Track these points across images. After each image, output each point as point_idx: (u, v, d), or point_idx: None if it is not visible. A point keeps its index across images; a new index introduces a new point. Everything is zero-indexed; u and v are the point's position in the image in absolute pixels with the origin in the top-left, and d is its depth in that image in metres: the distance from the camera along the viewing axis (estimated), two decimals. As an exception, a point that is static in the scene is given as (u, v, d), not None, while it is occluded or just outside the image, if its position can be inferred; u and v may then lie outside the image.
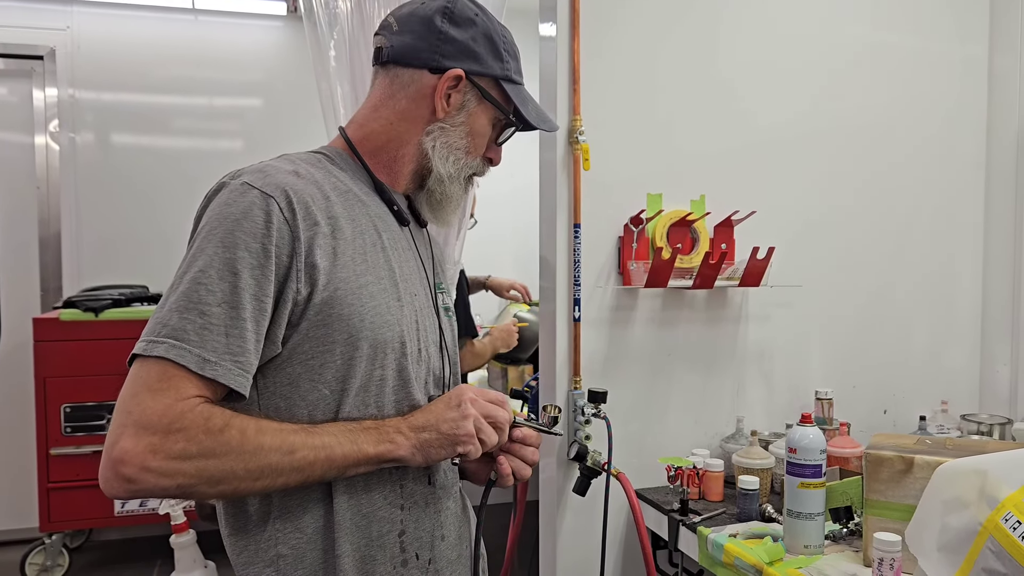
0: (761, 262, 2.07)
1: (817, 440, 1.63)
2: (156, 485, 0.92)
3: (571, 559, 2.09)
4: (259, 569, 1.07)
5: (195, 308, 0.96)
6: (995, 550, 1.19)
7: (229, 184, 1.05)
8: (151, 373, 0.95)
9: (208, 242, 1.00)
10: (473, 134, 1.21)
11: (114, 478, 0.91)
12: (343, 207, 1.11)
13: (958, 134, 2.49)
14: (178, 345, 0.95)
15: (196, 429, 0.94)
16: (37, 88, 4.07)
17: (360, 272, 1.09)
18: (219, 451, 0.95)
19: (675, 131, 2.16)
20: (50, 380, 3.44)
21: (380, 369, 1.09)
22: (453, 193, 1.23)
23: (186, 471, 0.93)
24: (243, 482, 0.97)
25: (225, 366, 0.97)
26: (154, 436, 0.92)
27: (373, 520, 1.09)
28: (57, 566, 3.56)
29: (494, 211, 3.80)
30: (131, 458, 0.91)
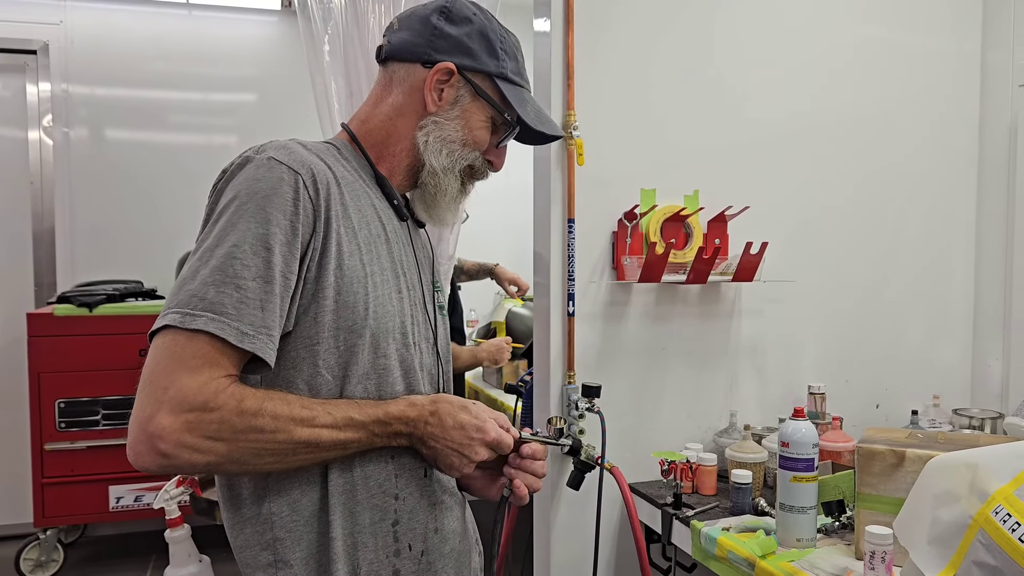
0: (754, 257, 2.08)
1: (809, 434, 1.64)
2: (188, 461, 0.94)
3: (565, 553, 2.10)
4: (256, 552, 1.08)
5: (231, 282, 0.97)
6: (985, 543, 1.20)
7: (255, 159, 1.05)
8: (186, 348, 0.95)
9: (240, 216, 1.00)
10: (469, 129, 1.20)
11: (148, 452, 0.93)
12: (352, 196, 1.13)
13: (951, 130, 2.50)
14: (217, 319, 0.96)
15: (230, 411, 0.95)
16: (31, 83, 4.06)
17: (367, 261, 1.11)
18: (251, 436, 0.97)
19: (669, 126, 2.17)
20: (44, 375, 3.44)
21: (383, 358, 1.11)
22: (447, 187, 1.22)
23: (218, 450, 0.95)
24: (267, 464, 1.01)
25: (262, 339, 0.98)
26: (191, 414, 0.93)
27: (367, 507, 1.10)
28: (52, 561, 3.56)
29: (488, 207, 3.80)
30: (168, 434, 0.92)
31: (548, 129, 1.24)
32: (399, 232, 1.21)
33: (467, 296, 3.65)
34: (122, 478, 3.53)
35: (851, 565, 1.56)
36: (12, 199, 4.07)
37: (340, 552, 1.07)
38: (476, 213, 3.31)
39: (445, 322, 1.32)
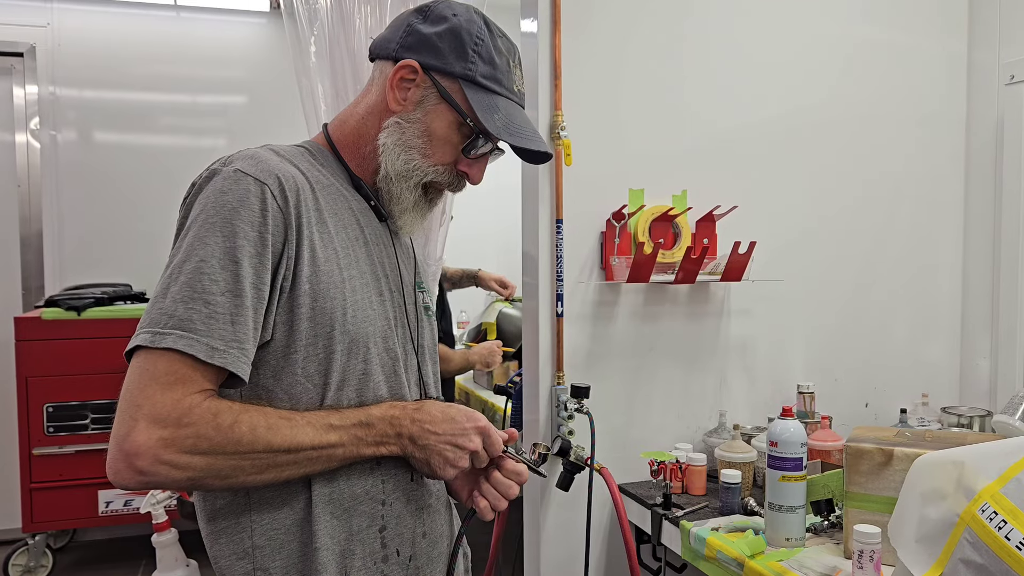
0: (743, 256, 2.08)
1: (798, 433, 1.64)
2: (168, 477, 0.94)
3: (555, 554, 2.09)
4: (234, 560, 1.07)
5: (200, 298, 0.96)
6: (972, 541, 1.20)
7: (221, 171, 1.04)
8: (158, 365, 0.95)
9: (207, 231, 0.99)
10: (430, 135, 1.15)
11: (126, 470, 0.93)
12: (326, 200, 1.11)
13: (938, 129, 2.51)
14: (186, 336, 0.95)
15: (206, 425, 0.95)
16: (17, 86, 4.04)
17: (344, 265, 1.09)
18: (228, 448, 0.96)
19: (657, 127, 2.17)
20: (32, 379, 3.42)
21: (363, 363, 1.09)
22: (401, 195, 1.17)
23: (196, 465, 0.95)
24: (249, 476, 0.99)
25: (233, 354, 0.97)
26: (165, 430, 0.93)
27: (354, 514, 1.09)
28: (41, 567, 3.54)
29: (477, 208, 3.80)
30: (144, 451, 0.92)
31: (521, 141, 1.15)
32: (379, 234, 1.20)
33: (458, 298, 3.65)
34: (111, 483, 3.50)
35: (840, 564, 1.56)
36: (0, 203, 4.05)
37: (327, 561, 1.06)
38: (466, 214, 3.32)
39: (432, 324, 1.31)
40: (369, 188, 1.19)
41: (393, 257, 1.21)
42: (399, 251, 1.24)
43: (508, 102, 1.17)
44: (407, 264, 1.27)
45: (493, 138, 1.15)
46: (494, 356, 3.06)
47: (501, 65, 1.16)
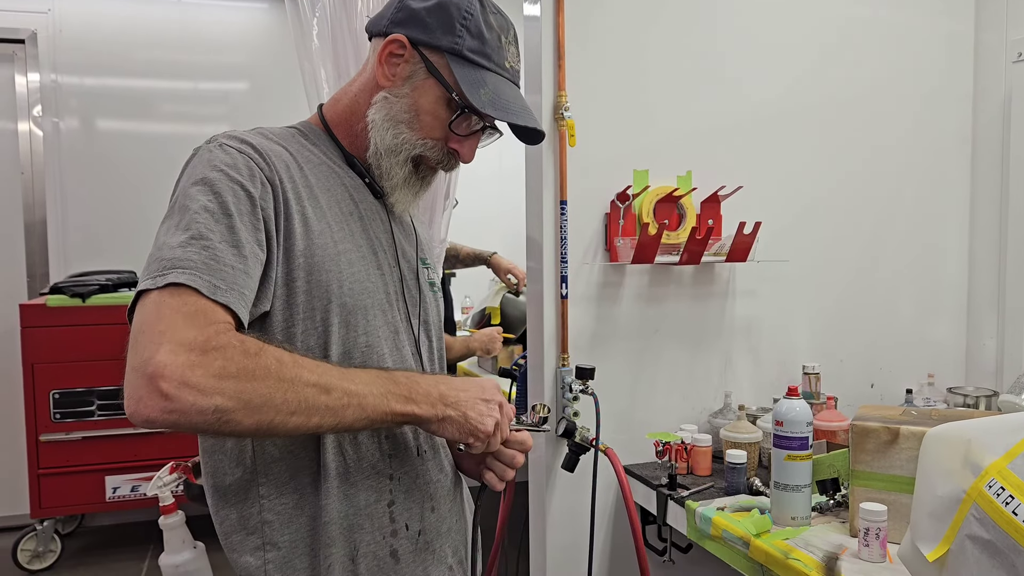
0: (748, 237, 2.07)
1: (803, 412, 1.63)
2: (194, 405, 0.85)
3: (561, 536, 2.10)
4: (243, 536, 1.07)
5: (197, 243, 0.94)
6: (979, 517, 1.19)
7: (205, 147, 1.05)
8: (173, 299, 0.90)
9: (197, 191, 0.98)
10: (418, 109, 1.13)
11: (150, 396, 0.84)
12: (317, 177, 1.12)
13: (944, 109, 2.49)
14: (187, 272, 0.91)
15: (233, 350, 0.89)
16: (19, 73, 4.03)
17: (338, 239, 1.09)
18: (258, 374, 0.89)
19: (661, 107, 2.15)
20: (38, 366, 3.43)
21: (364, 336, 1.10)
22: (391, 170, 1.16)
23: (225, 390, 0.87)
24: (279, 414, 0.91)
25: (235, 295, 0.94)
26: (192, 353, 0.86)
27: (362, 489, 1.09)
28: (49, 552, 3.56)
29: (481, 192, 3.80)
30: (170, 372, 0.84)
31: (507, 116, 1.13)
32: (375, 210, 1.19)
33: (462, 283, 3.64)
34: (118, 468, 3.52)
35: (845, 542, 1.56)
36: (3, 191, 4.05)
37: (336, 535, 1.06)
38: (469, 198, 3.30)
39: (437, 300, 1.30)
40: (362, 165, 1.19)
41: (390, 233, 1.21)
42: (397, 228, 1.24)
43: (497, 77, 1.15)
44: (408, 240, 1.27)
45: (479, 113, 1.13)
46: (495, 343, 3.06)
47: (491, 40, 1.14)
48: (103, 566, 3.60)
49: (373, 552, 1.10)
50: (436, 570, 1.18)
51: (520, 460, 1.17)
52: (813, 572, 1.43)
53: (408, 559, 1.13)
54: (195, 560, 2.16)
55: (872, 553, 1.45)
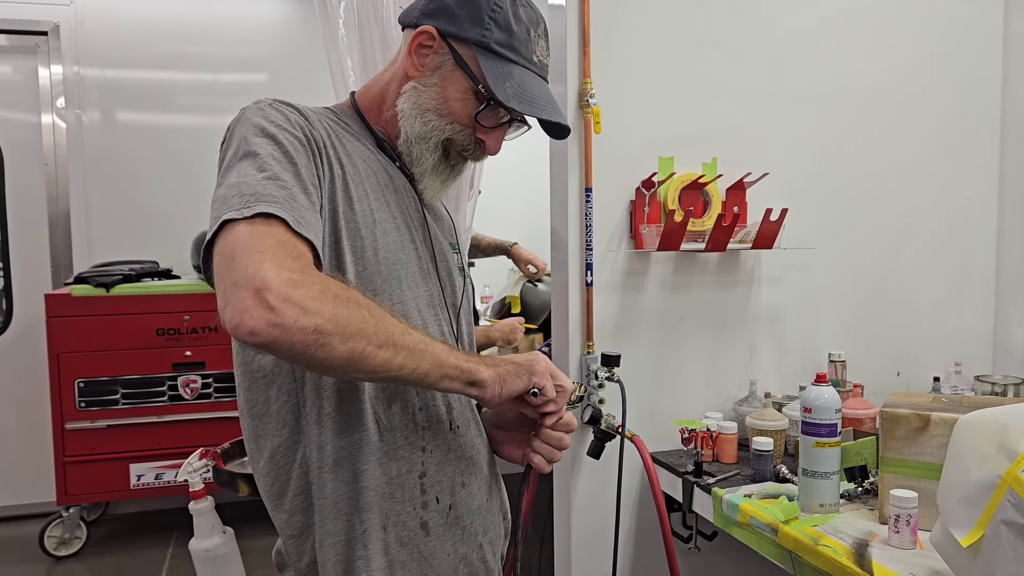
0: (774, 224, 2.06)
1: (832, 399, 1.63)
2: (296, 321, 0.86)
3: (586, 523, 2.10)
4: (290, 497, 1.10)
5: (276, 182, 0.95)
6: (1015, 502, 1.19)
7: (254, 106, 1.08)
8: (265, 227, 0.90)
9: (262, 140, 1.00)
10: (445, 99, 1.15)
11: (256, 306, 0.85)
12: (354, 147, 1.15)
13: (973, 94, 2.46)
14: (274, 204, 0.93)
15: (327, 279, 0.92)
16: (42, 66, 4.06)
17: (375, 207, 1.12)
18: (351, 301, 0.92)
19: (687, 94, 2.15)
20: (63, 355, 3.47)
21: (399, 305, 1.10)
22: (422, 157, 1.18)
23: (324, 312, 0.88)
24: (370, 344, 0.92)
25: (314, 232, 0.96)
26: (292, 272, 0.88)
27: (394, 459, 1.10)
28: (75, 538, 3.61)
29: (503, 182, 3.79)
30: (276, 287, 0.85)
31: (532, 111, 1.14)
32: (407, 190, 1.21)
33: (482, 272, 3.65)
34: (143, 456, 3.56)
35: (875, 529, 1.55)
36: (27, 182, 4.09)
37: (372, 501, 1.08)
38: (491, 187, 3.30)
39: (465, 284, 1.31)
40: (394, 151, 1.21)
41: (420, 213, 1.22)
42: (428, 211, 1.25)
43: (524, 71, 1.15)
44: (439, 223, 1.28)
45: (504, 106, 1.14)
46: (516, 332, 3.06)
47: (519, 33, 1.15)
48: (128, 553, 3.64)
49: (404, 522, 1.11)
50: (465, 546, 1.18)
51: (567, 442, 1.17)
52: (843, 558, 1.43)
53: (438, 532, 1.14)
54: (224, 544, 2.18)
55: (902, 540, 1.45)
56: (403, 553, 1.11)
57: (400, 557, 1.10)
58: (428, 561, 1.13)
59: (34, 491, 4.01)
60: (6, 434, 4.05)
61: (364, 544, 1.07)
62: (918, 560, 1.40)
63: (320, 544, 1.07)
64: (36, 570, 3.49)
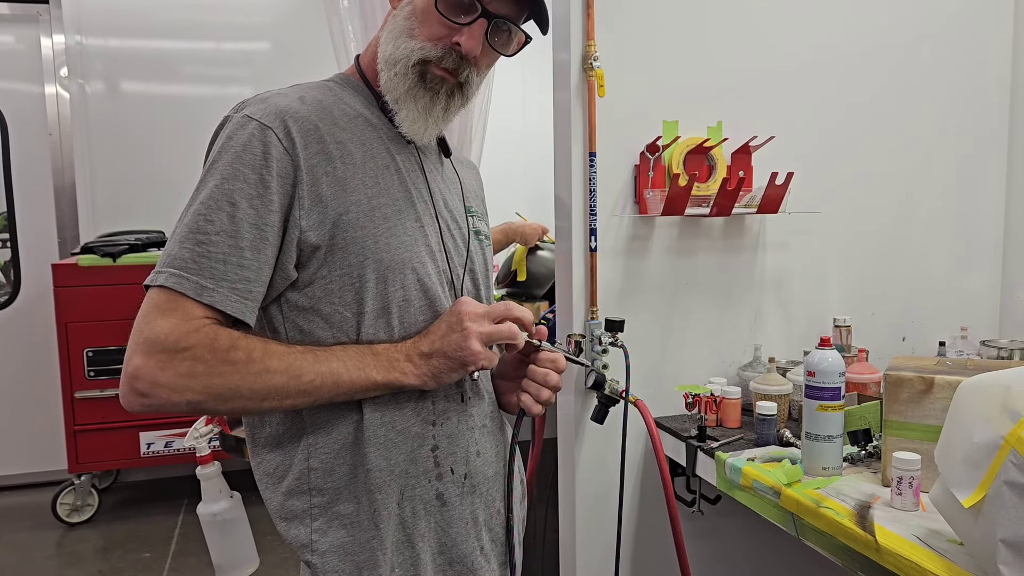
0: (779, 188, 2.04)
1: (836, 363, 1.62)
2: (168, 400, 0.97)
3: (590, 487, 2.11)
4: (289, 482, 1.10)
5: (194, 238, 1.00)
6: (1017, 463, 1.18)
7: (232, 118, 1.07)
8: (160, 298, 0.99)
9: (210, 176, 1.03)
10: (415, 13, 1.11)
11: (129, 393, 0.97)
12: (353, 132, 1.12)
13: (983, 56, 2.42)
14: (177, 273, 0.98)
15: (202, 348, 0.97)
16: (44, 35, 4.05)
17: (372, 195, 1.10)
18: (225, 370, 0.98)
19: (691, 57, 2.12)
20: (72, 325, 3.49)
21: (401, 290, 1.10)
22: (394, 83, 1.13)
23: (194, 388, 0.97)
24: (250, 401, 1.01)
25: (223, 292, 0.99)
26: (163, 353, 0.96)
27: (406, 435, 1.11)
28: (87, 506, 3.66)
29: (505, 149, 3.77)
30: (143, 374, 0.96)
31: None
32: (413, 162, 1.19)
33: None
34: (152, 424, 3.60)
35: (878, 491, 1.55)
36: (33, 153, 4.10)
37: (382, 481, 1.09)
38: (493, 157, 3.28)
39: (484, 248, 1.30)
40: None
41: (425, 183, 1.20)
42: (438, 178, 1.24)
43: None
44: (451, 189, 1.26)
45: None
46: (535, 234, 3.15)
47: None
48: (139, 519, 3.70)
49: (419, 496, 1.12)
50: (484, 512, 1.20)
51: (554, 379, 1.17)
52: (845, 520, 1.44)
53: (455, 502, 1.15)
54: (232, 509, 2.21)
55: (905, 502, 1.45)
56: (421, 524, 1.12)
57: (419, 529, 1.12)
58: (446, 530, 1.15)
59: (46, 459, 4.07)
60: (17, 403, 4.09)
61: (375, 523, 1.09)
62: (920, 522, 1.40)
63: (328, 527, 1.09)
64: (50, 536, 3.55)
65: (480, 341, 1.08)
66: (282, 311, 1.09)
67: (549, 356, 1.18)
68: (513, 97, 4.15)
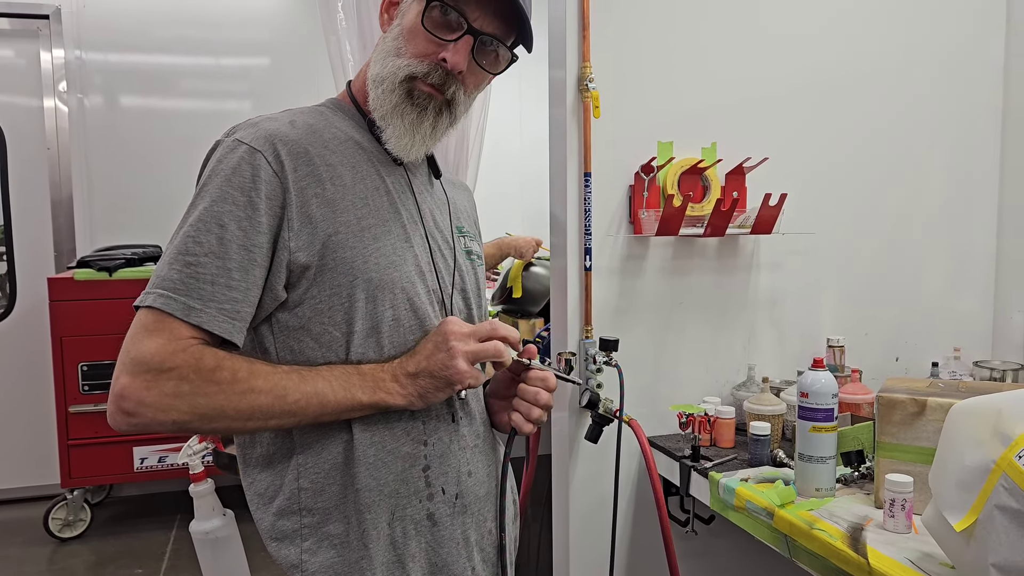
0: (773, 209, 2.05)
1: (829, 384, 1.63)
2: (154, 419, 0.98)
3: (584, 506, 2.11)
4: (279, 502, 1.10)
5: (182, 259, 1.01)
6: (1008, 487, 1.19)
7: (223, 142, 1.09)
8: (148, 319, 1.00)
9: (201, 199, 1.05)
10: (403, 32, 1.12)
11: (116, 412, 0.98)
12: (343, 155, 1.13)
13: (975, 80, 2.44)
14: (166, 294, 1.00)
15: (187, 368, 0.98)
16: (44, 49, 4.06)
17: (362, 215, 1.11)
18: (210, 390, 0.99)
19: (686, 78, 2.13)
20: (67, 339, 3.49)
21: (391, 309, 1.11)
22: (381, 100, 1.13)
23: (179, 407, 0.98)
24: (235, 421, 1.02)
25: (210, 313, 1.00)
26: (148, 373, 0.97)
27: (397, 456, 1.11)
28: (80, 521, 3.64)
29: (502, 168, 3.79)
30: (129, 393, 0.97)
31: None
32: (403, 184, 1.20)
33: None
34: (146, 439, 3.59)
35: (870, 513, 1.55)
36: (30, 166, 4.10)
37: (371, 501, 1.09)
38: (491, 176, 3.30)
39: (475, 268, 1.31)
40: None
41: (417, 204, 1.21)
42: (426, 198, 1.24)
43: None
44: (440, 209, 1.27)
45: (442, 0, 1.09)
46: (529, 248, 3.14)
47: None
48: (131, 535, 3.68)
49: (410, 516, 1.12)
50: (475, 532, 1.19)
51: (544, 397, 1.18)
52: (838, 542, 1.44)
53: (446, 522, 1.15)
54: (225, 527, 2.20)
55: (897, 524, 1.45)
56: (411, 545, 1.12)
57: (409, 549, 1.12)
58: (437, 551, 1.14)
59: (39, 474, 4.05)
60: (11, 417, 4.08)
61: (364, 544, 1.09)
62: (913, 544, 1.40)
63: (318, 547, 1.09)
64: (41, 551, 3.53)
65: (466, 360, 1.08)
66: (272, 331, 1.09)
67: (539, 375, 1.18)
68: (511, 116, 4.18)
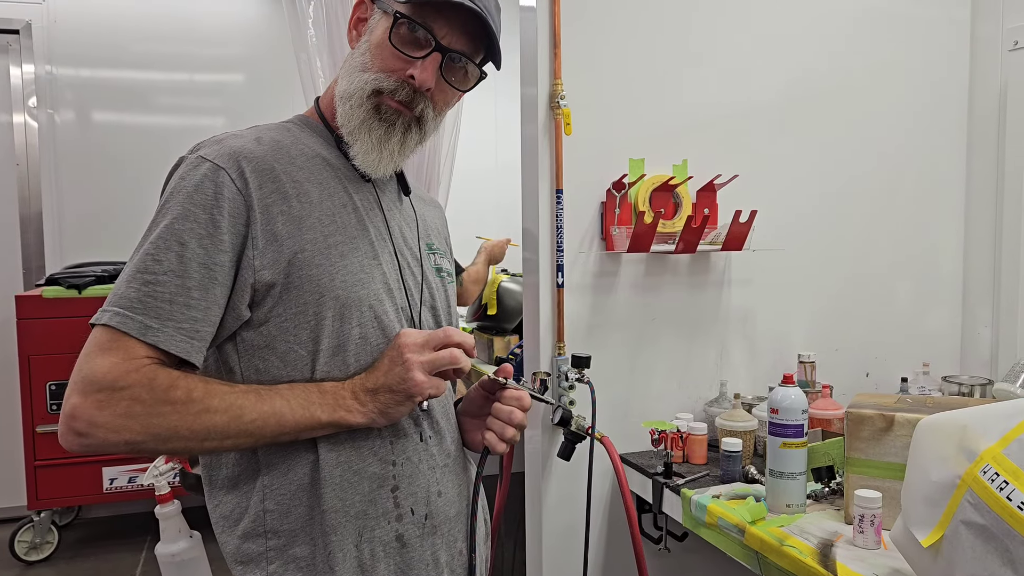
0: (743, 226, 2.07)
1: (799, 400, 1.63)
2: (105, 440, 0.96)
3: (557, 524, 2.10)
4: (244, 524, 1.08)
5: (141, 277, 0.99)
6: (974, 502, 1.20)
7: (187, 158, 1.07)
8: (103, 337, 0.98)
9: (162, 216, 1.03)
10: (371, 48, 1.11)
11: (67, 432, 0.96)
12: (310, 171, 1.12)
13: (941, 98, 2.49)
14: (122, 312, 0.97)
15: (140, 387, 0.96)
16: (14, 64, 4.02)
17: (329, 232, 1.09)
18: (164, 410, 0.97)
19: (657, 96, 2.15)
20: (34, 358, 3.43)
21: (358, 327, 1.09)
22: (348, 115, 1.13)
23: (132, 428, 0.96)
24: (190, 441, 1.00)
25: (168, 332, 0.99)
26: (101, 393, 0.95)
27: (363, 476, 1.09)
28: (47, 543, 3.56)
29: (477, 186, 3.79)
30: (80, 413, 0.94)
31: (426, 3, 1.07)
32: (372, 201, 1.19)
33: (458, 273, 3.63)
34: (115, 459, 3.52)
35: (840, 529, 1.56)
36: (-2, 182, 4.04)
37: (338, 523, 1.07)
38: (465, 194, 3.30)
39: (445, 285, 1.30)
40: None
41: (385, 221, 1.20)
42: (395, 215, 1.23)
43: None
44: (409, 226, 1.26)
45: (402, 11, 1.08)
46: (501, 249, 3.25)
47: None
48: (100, 557, 3.60)
49: (378, 537, 1.10)
50: (445, 553, 1.18)
51: (518, 416, 1.17)
52: (808, 559, 1.44)
53: (415, 543, 1.13)
54: (191, 549, 2.17)
55: (867, 540, 1.46)
56: (380, 567, 1.10)
57: (378, 572, 1.10)
58: (406, 572, 1.13)
59: (4, 495, 3.96)
60: (-24, 438, 3.99)
61: (330, 567, 1.07)
62: (882, 560, 1.41)
63: (283, 571, 1.07)
64: (6, 575, 3.45)
65: (422, 371, 1.07)
66: (237, 350, 1.08)
67: (514, 394, 1.17)
68: (486, 134, 4.20)
